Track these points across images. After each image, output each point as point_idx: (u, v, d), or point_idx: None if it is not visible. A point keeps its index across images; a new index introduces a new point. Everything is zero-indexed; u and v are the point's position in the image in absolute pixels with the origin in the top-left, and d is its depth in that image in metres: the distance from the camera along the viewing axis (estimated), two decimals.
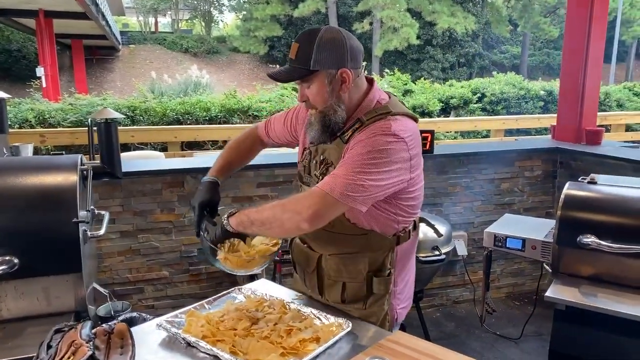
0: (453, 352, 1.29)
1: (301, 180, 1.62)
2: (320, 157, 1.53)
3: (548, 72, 25.54)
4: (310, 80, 1.42)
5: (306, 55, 1.38)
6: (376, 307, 1.55)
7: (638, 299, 2.06)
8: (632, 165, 3.17)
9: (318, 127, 1.46)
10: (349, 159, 1.36)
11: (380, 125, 1.39)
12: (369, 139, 1.36)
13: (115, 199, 2.74)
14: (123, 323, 1.32)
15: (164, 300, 2.94)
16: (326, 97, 1.42)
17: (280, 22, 23.98)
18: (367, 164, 1.33)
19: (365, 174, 1.33)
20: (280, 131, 1.76)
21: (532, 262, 3.71)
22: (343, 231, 1.49)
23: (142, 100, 6.82)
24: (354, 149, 1.38)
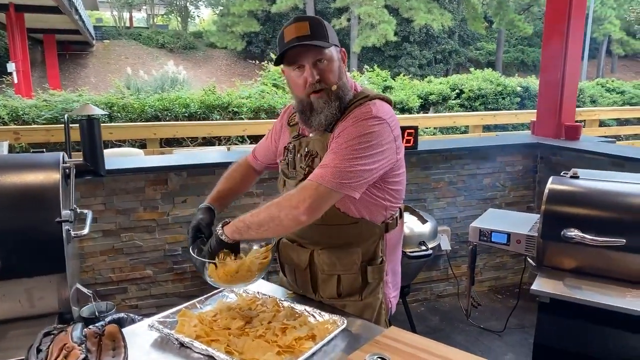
0: (448, 347, 1.30)
1: (286, 176, 1.60)
2: (305, 150, 1.52)
3: (522, 69, 25.97)
4: (327, 55, 1.41)
5: (321, 30, 1.41)
6: (372, 298, 1.57)
7: (620, 290, 2.10)
8: (610, 159, 3.24)
9: (334, 104, 1.43)
10: (336, 148, 1.38)
11: (362, 111, 1.41)
12: (354, 126, 1.38)
13: (97, 198, 2.68)
14: (114, 325, 1.29)
15: (147, 300, 2.89)
16: (341, 73, 1.45)
17: (257, 17, 23.83)
18: (356, 149, 1.35)
19: (355, 160, 1.35)
20: (265, 149, 1.77)
21: (514, 256, 3.77)
22: (334, 222, 1.49)
23: (119, 97, 6.69)
24: (340, 137, 1.39)
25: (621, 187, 2.26)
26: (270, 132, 1.77)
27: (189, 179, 2.87)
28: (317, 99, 1.44)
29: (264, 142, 1.79)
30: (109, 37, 24.72)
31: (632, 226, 2.12)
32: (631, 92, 9.83)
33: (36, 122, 5.66)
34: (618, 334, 2.11)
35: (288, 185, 1.58)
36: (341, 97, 1.44)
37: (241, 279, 1.42)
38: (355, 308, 1.56)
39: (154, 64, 19.99)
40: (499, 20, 24.59)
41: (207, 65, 24.32)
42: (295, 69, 1.43)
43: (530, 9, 25.76)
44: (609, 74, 26.66)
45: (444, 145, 3.61)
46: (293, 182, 1.54)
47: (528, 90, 9.09)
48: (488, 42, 28.39)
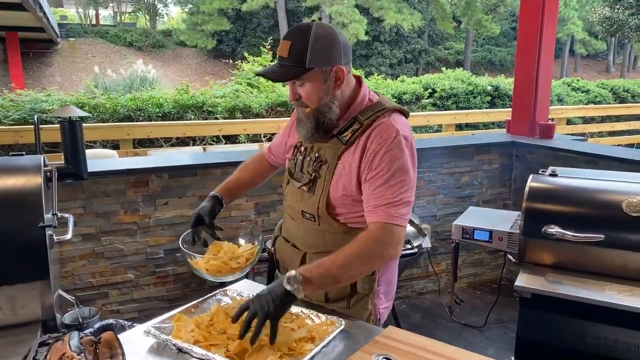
0: (448, 345, 1.32)
1: (291, 176, 1.61)
2: (315, 155, 1.52)
3: (490, 68, 26.51)
4: (305, 79, 1.40)
5: (300, 52, 1.36)
6: (359, 306, 1.56)
7: (599, 285, 2.17)
8: (583, 157, 3.34)
9: (310, 125, 1.45)
10: (378, 181, 1.38)
11: (385, 129, 1.41)
12: (387, 150, 1.39)
13: (76, 201, 2.62)
14: (110, 332, 1.26)
15: (129, 305, 2.84)
16: (321, 95, 1.42)
17: (228, 16, 23.62)
18: (399, 182, 1.38)
19: (403, 192, 1.39)
20: (279, 144, 1.78)
21: (492, 252, 3.85)
22: (330, 230, 1.50)
23: (90, 96, 6.53)
24: (378, 161, 1.39)
25: (599, 185, 2.34)
26: (285, 127, 1.76)
27: (170, 181, 2.83)
28: (300, 111, 1.50)
29: (279, 137, 1.79)
30: (74, 35, 24.08)
31: (610, 222, 2.19)
32: (595, 91, 10.13)
33: (3, 122, 5.48)
34: (597, 327, 2.17)
35: (292, 184, 1.59)
36: (317, 117, 1.44)
37: (228, 272, 1.47)
38: (341, 315, 1.53)
39: (122, 63, 19.60)
40: (467, 20, 25.03)
41: (177, 64, 23.97)
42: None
43: (497, 9, 26.27)
44: (573, 73, 27.48)
45: (424, 145, 3.66)
46: (297, 184, 1.55)
47: (498, 89, 9.27)
48: (456, 42, 28.87)
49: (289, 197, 1.61)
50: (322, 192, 1.48)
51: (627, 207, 2.19)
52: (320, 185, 1.49)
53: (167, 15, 33.32)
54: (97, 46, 23.38)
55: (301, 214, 1.55)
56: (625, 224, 2.16)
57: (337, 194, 1.47)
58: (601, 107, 9.34)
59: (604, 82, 10.75)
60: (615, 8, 18.48)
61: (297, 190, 1.56)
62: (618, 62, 31.38)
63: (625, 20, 18.25)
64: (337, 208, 1.48)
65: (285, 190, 1.64)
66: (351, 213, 1.49)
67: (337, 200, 1.47)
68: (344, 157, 1.47)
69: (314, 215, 1.51)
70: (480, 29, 26.03)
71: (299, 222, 1.57)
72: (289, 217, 1.63)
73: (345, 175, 1.46)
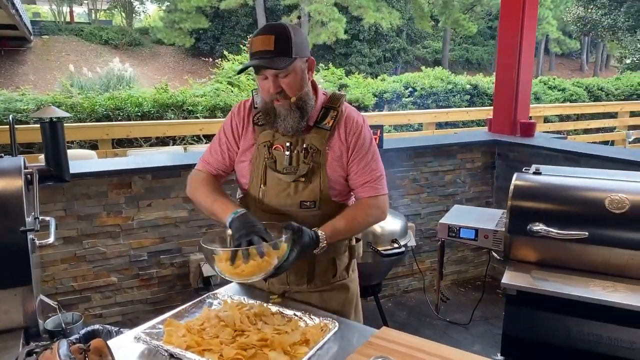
0: (442, 345, 1.32)
1: (277, 172, 1.58)
2: (303, 146, 1.57)
3: (467, 67, 26.78)
4: (289, 69, 1.47)
5: (285, 44, 1.45)
6: (354, 273, 1.76)
7: (584, 281, 2.21)
8: (563, 155, 3.39)
9: (296, 116, 1.52)
10: (363, 161, 1.61)
11: (354, 114, 1.64)
12: (363, 132, 1.62)
13: (57, 203, 2.55)
14: (100, 339, 1.23)
15: (112, 308, 2.79)
16: (302, 84, 1.52)
17: (206, 14, 23.37)
18: (376, 158, 1.65)
19: (380, 166, 1.66)
20: (220, 160, 1.69)
21: (475, 250, 3.89)
22: (327, 211, 1.59)
23: (66, 96, 6.41)
24: (361, 142, 1.61)
25: (582, 182, 2.37)
26: (223, 137, 1.67)
27: (153, 182, 2.78)
28: (279, 106, 1.53)
29: (214, 153, 1.69)
30: (48, 33, 23.53)
31: (593, 219, 2.22)
32: (571, 90, 10.31)
33: None
34: (581, 322, 2.20)
35: (278, 181, 1.58)
36: (301, 106, 1.53)
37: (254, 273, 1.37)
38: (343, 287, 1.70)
39: (98, 61, 19.23)
40: (445, 19, 25.24)
41: (154, 62, 23.64)
42: (260, 78, 1.51)
43: (473, 8, 26.56)
44: (548, 71, 27.96)
45: (408, 144, 3.67)
46: (290, 178, 1.57)
47: (477, 88, 9.38)
48: (434, 41, 29.10)
49: (273, 196, 1.59)
50: (322, 178, 1.58)
51: (609, 204, 2.22)
52: (317, 172, 1.57)
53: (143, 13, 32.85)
54: (71, 44, 22.90)
55: (299, 205, 1.58)
56: (608, 221, 2.20)
57: (332, 177, 1.59)
58: (577, 106, 9.53)
59: (580, 81, 10.94)
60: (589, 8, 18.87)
61: (288, 184, 1.57)
62: (591, 61, 32.03)
63: (598, 20, 18.66)
64: (333, 190, 1.61)
65: (260, 191, 1.60)
66: (342, 192, 1.64)
67: (333, 182, 1.60)
68: (332, 142, 1.59)
69: (314, 202, 1.58)
70: (457, 28, 26.27)
71: (295, 213, 1.58)
72: (275, 213, 1.59)
73: (337, 159, 1.60)
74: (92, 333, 1.80)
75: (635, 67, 16.49)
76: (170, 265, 2.88)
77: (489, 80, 9.85)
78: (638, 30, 17.43)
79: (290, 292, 1.66)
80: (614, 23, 18.05)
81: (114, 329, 1.87)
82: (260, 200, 1.62)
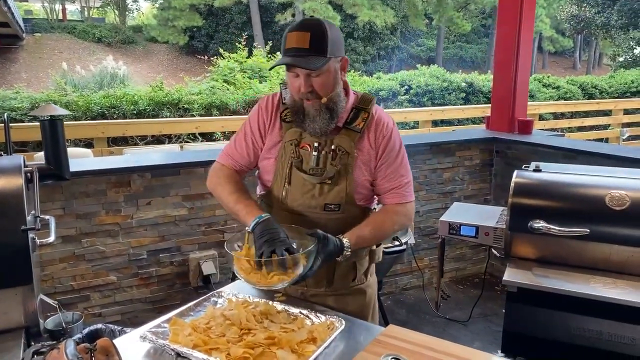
0: (449, 343, 1.32)
1: (303, 172, 1.55)
2: (332, 147, 1.54)
3: (461, 65, 26.81)
4: (323, 69, 1.43)
5: (321, 42, 1.41)
6: (372, 277, 1.75)
7: (585, 278, 2.21)
8: (561, 152, 3.40)
9: (326, 116, 1.48)
10: (392, 166, 1.58)
11: (385, 117, 1.60)
12: (393, 136, 1.59)
13: (55, 202, 2.53)
14: (106, 338, 1.22)
15: (112, 307, 2.77)
16: (334, 84, 1.48)
17: (200, 11, 23.26)
18: (404, 163, 1.63)
19: (408, 172, 1.65)
20: (245, 155, 1.66)
21: (473, 247, 3.89)
22: (352, 214, 1.58)
23: (61, 94, 6.36)
24: (391, 147, 1.57)
25: (582, 179, 2.38)
26: (249, 131, 1.63)
27: (153, 180, 2.77)
28: (308, 106, 1.48)
29: (239, 148, 1.65)
30: (40, 31, 23.34)
31: (594, 216, 2.23)
32: (565, 87, 10.36)
33: None
34: (582, 319, 2.21)
35: (303, 181, 1.55)
36: (331, 107, 1.49)
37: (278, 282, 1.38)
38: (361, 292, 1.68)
39: (91, 59, 19.12)
40: (439, 17, 25.27)
41: (148, 60, 23.52)
42: (291, 75, 1.46)
43: (467, 6, 26.61)
44: (541, 69, 28.06)
45: (407, 141, 3.64)
46: (316, 179, 1.54)
47: (472, 86, 9.40)
48: (428, 39, 29.13)
49: (297, 196, 1.57)
50: (348, 181, 1.55)
51: (610, 201, 2.23)
52: (344, 175, 1.54)
53: (137, 11, 32.63)
54: (64, 42, 22.74)
55: (323, 207, 1.56)
56: (609, 217, 2.21)
57: (359, 181, 1.56)
58: (571, 103, 9.57)
59: (573, 79, 11.00)
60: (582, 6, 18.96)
61: (313, 185, 1.54)
62: (584, 59, 32.19)
63: (591, 18, 18.76)
64: (358, 194, 1.58)
65: (284, 190, 1.58)
66: (367, 196, 1.62)
67: (359, 186, 1.57)
68: (361, 145, 1.56)
69: (339, 205, 1.56)
70: (451, 26, 26.33)
71: (318, 215, 1.56)
72: (297, 213, 1.58)
73: (365, 162, 1.56)
74: (95, 332, 1.79)
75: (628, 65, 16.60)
76: (170, 264, 2.87)
77: (484, 78, 9.88)
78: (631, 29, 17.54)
79: (307, 294, 1.63)
80: (607, 21, 18.15)
81: (117, 328, 1.86)
82: (284, 199, 1.59)
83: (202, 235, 2.92)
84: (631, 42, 17.91)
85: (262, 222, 1.45)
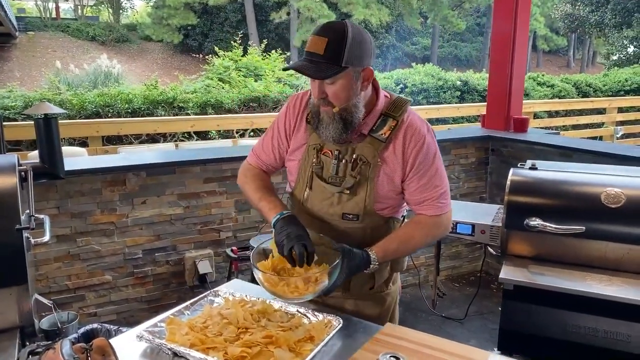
0: (447, 341, 1.32)
1: (325, 181, 1.52)
2: (352, 156, 1.48)
3: (456, 63, 26.87)
4: (337, 78, 1.37)
5: (337, 51, 1.33)
6: (394, 285, 1.68)
7: (581, 275, 2.22)
8: (557, 150, 3.41)
9: (339, 126, 1.42)
10: (425, 177, 1.48)
11: (418, 123, 1.49)
12: (426, 144, 1.48)
13: (49, 201, 2.52)
14: (102, 338, 1.21)
15: (107, 307, 2.76)
16: (350, 95, 1.40)
17: (194, 10, 23.17)
18: (440, 173, 1.51)
19: (444, 182, 1.53)
20: (270, 154, 1.64)
21: (469, 245, 3.90)
22: (371, 224, 1.52)
23: (54, 92, 6.32)
24: (423, 156, 1.47)
25: (578, 177, 2.38)
26: (275, 132, 1.61)
27: (148, 179, 2.75)
28: (323, 112, 1.44)
29: (266, 147, 1.64)
30: (33, 29, 23.19)
31: (590, 214, 2.24)
32: (559, 86, 10.40)
33: None
34: (578, 316, 2.22)
35: (323, 189, 1.51)
36: (345, 118, 1.41)
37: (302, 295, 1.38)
38: (380, 299, 1.63)
39: (85, 58, 19.03)
40: (434, 15, 25.31)
41: (142, 58, 23.42)
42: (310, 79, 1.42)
43: (462, 5, 26.66)
44: (535, 68, 28.15)
45: None
46: (336, 189, 1.49)
47: (467, 84, 9.41)
48: (423, 37, 29.16)
49: (317, 202, 1.54)
50: (368, 192, 1.48)
51: (605, 199, 2.24)
52: (364, 186, 1.48)
53: (131, 9, 32.49)
54: (57, 40, 22.61)
55: (341, 215, 1.52)
56: (604, 215, 2.21)
57: (382, 192, 1.49)
58: (566, 102, 9.60)
59: (568, 77, 11.04)
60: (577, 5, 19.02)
61: (332, 194, 1.51)
62: (578, 58, 32.32)
63: (585, 16, 18.82)
64: (380, 204, 1.51)
65: (305, 194, 1.55)
66: (393, 206, 1.55)
67: (381, 197, 1.50)
68: (386, 155, 1.47)
69: (357, 215, 1.51)
70: (446, 24, 26.35)
71: (337, 223, 1.53)
72: (317, 218, 1.56)
73: (389, 173, 1.48)
74: (91, 332, 1.78)
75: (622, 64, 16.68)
76: (166, 263, 2.86)
77: (479, 77, 9.89)
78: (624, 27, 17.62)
79: (324, 297, 1.55)
80: (601, 20, 18.23)
81: (112, 327, 1.85)
82: (304, 203, 1.57)
83: (197, 234, 2.91)
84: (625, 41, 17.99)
85: (283, 218, 1.45)
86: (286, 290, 1.37)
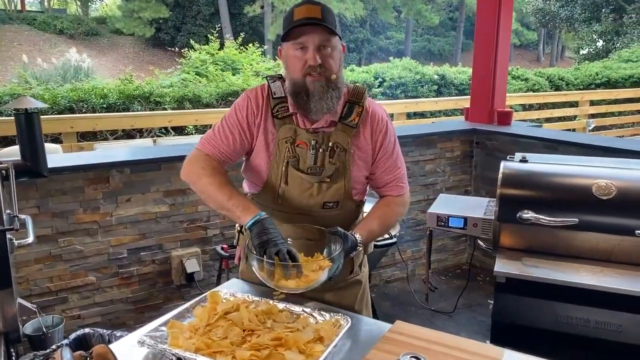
0: (459, 337, 1.30)
1: (304, 172, 1.49)
2: (329, 144, 1.49)
3: (430, 58, 27.07)
4: (333, 42, 1.42)
5: (331, 17, 1.41)
6: (365, 267, 1.73)
7: (574, 267, 2.24)
8: (542, 142, 3.44)
9: (332, 94, 1.44)
10: (389, 160, 1.57)
11: (379, 110, 1.57)
12: (389, 130, 1.57)
13: (29, 200, 2.41)
14: (103, 345, 1.15)
15: (91, 309, 2.66)
16: (340, 66, 1.46)
17: (166, 3, 22.72)
18: (398, 155, 1.61)
19: (403, 164, 1.63)
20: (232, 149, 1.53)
21: (454, 238, 3.92)
22: (347, 209, 1.58)
23: (25, 87, 6.10)
24: (387, 141, 1.56)
25: (569, 169, 2.40)
26: (235, 123, 1.51)
27: (132, 176, 2.66)
28: (312, 82, 1.42)
29: (226, 140, 1.52)
30: None
31: (581, 206, 2.25)
32: (533, 79, 10.55)
33: None
34: (570, 307, 2.24)
35: (302, 180, 1.50)
36: (339, 87, 1.46)
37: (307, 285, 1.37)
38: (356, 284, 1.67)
39: (53, 52, 18.44)
40: (407, 10, 25.43)
41: (113, 52, 22.86)
42: (298, 49, 1.41)
43: None
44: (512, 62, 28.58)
45: None
46: (315, 179, 1.49)
47: (444, 78, 9.47)
48: (397, 32, 29.28)
49: (295, 196, 1.52)
50: (345, 178, 1.52)
51: (596, 191, 2.26)
52: (342, 172, 1.51)
53: (100, 2, 31.67)
54: (23, 33, 21.87)
55: (321, 205, 1.53)
56: (596, 207, 2.23)
57: (357, 177, 1.55)
58: (540, 95, 9.75)
59: (541, 71, 11.21)
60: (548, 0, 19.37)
61: (311, 184, 1.50)
62: (547, 52, 32.95)
63: (556, 11, 19.19)
64: (355, 189, 1.57)
65: (280, 190, 1.52)
66: (362, 191, 1.62)
67: (356, 182, 1.56)
68: (357, 141, 1.52)
69: (337, 202, 1.54)
70: (420, 19, 26.51)
71: (316, 213, 1.53)
72: (294, 213, 1.53)
73: (362, 158, 1.54)
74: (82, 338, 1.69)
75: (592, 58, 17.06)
76: (152, 262, 2.77)
77: (456, 71, 9.97)
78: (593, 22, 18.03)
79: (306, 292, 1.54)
80: (571, 15, 18.61)
81: (105, 332, 1.77)
82: (280, 199, 1.53)
83: (184, 232, 2.83)
84: (594, 35, 18.41)
85: (261, 221, 1.39)
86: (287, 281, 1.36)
